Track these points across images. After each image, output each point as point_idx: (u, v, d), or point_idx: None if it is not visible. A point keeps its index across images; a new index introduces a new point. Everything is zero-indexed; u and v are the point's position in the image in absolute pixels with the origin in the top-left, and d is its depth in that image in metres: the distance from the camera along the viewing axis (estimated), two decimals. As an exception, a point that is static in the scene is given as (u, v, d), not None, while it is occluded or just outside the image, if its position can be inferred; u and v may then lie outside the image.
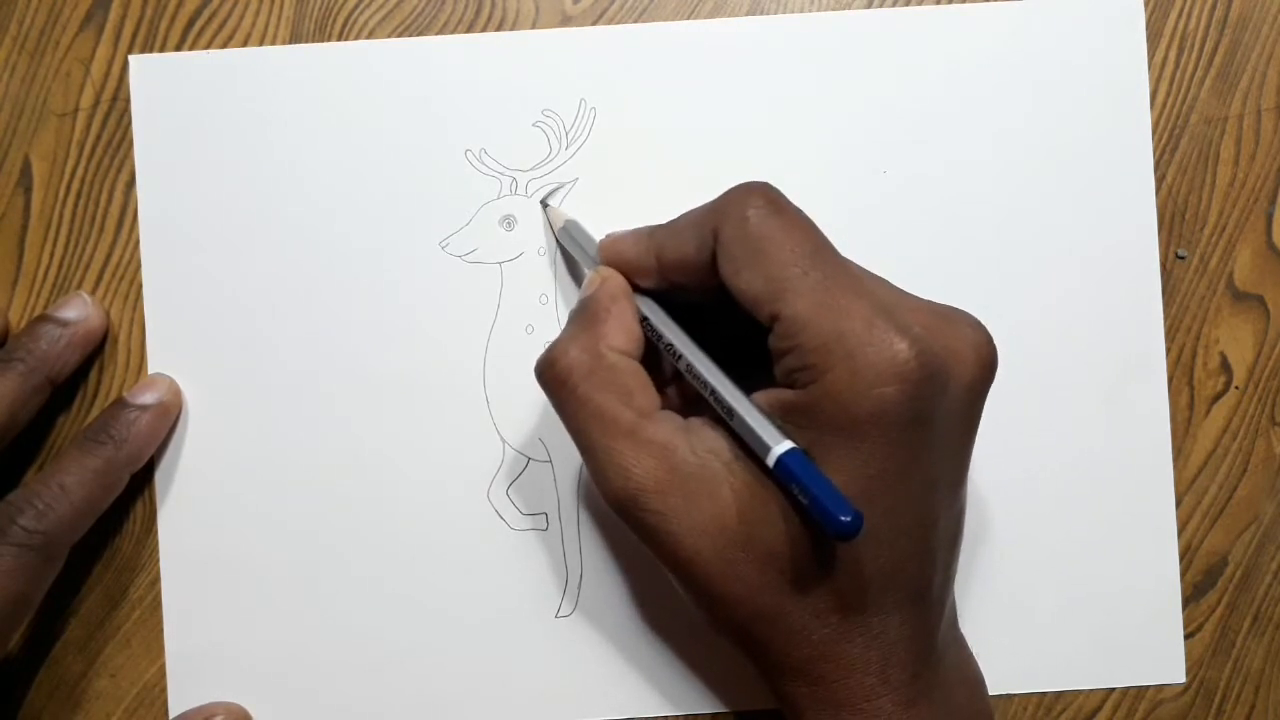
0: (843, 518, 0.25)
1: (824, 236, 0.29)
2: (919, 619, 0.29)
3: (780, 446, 0.27)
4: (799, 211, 0.29)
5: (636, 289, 0.32)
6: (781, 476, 0.27)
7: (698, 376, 0.30)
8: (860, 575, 0.28)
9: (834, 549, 0.27)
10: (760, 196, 0.29)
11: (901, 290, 0.30)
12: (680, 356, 0.30)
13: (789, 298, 0.27)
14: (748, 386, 0.29)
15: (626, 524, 0.29)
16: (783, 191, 0.29)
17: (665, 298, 0.32)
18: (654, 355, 0.31)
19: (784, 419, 0.28)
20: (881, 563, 0.28)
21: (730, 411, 0.28)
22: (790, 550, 0.28)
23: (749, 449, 0.28)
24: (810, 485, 0.26)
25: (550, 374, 0.30)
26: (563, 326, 0.36)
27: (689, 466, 0.28)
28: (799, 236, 0.28)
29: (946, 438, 0.28)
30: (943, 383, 0.27)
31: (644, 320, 0.31)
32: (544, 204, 0.36)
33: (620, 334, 0.30)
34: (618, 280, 0.32)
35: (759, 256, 0.28)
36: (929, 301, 0.29)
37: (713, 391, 0.29)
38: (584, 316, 0.31)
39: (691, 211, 0.30)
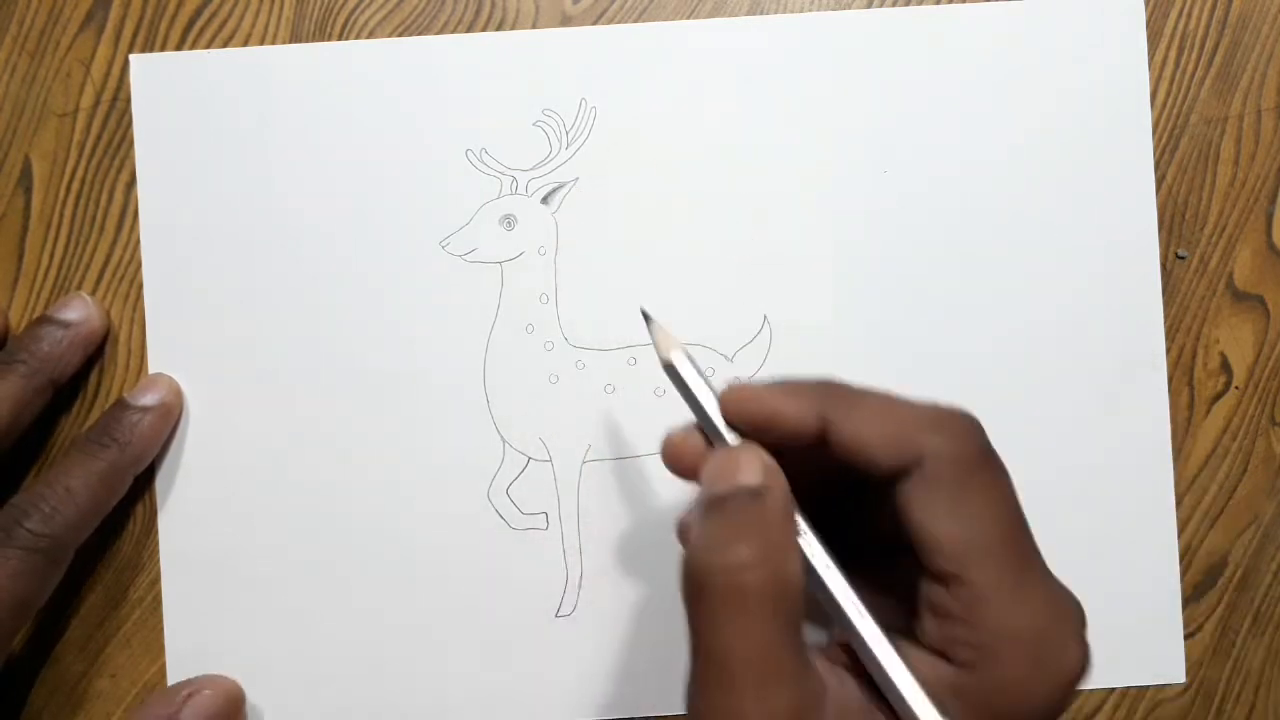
0: None
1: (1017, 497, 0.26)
2: None
3: None
4: (1001, 462, 0.26)
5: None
6: None
7: (853, 632, 0.25)
8: None
9: None
10: (981, 434, 0.26)
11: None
12: (835, 603, 0.25)
13: (986, 565, 0.25)
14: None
15: None
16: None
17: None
18: None
19: (943, 695, 0.25)
20: None
21: (891, 688, 0.25)
22: None
23: (889, 704, 0.25)
24: None
25: (719, 581, 0.24)
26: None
27: None
28: (1001, 496, 0.26)
29: None
30: None
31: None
32: (647, 317, 0.29)
33: (796, 554, 0.25)
34: (784, 483, 0.26)
35: (963, 507, 0.25)
36: (1045, 584, 0.27)
37: (873, 659, 0.25)
38: (761, 518, 0.25)
39: (883, 395, 0.26)
